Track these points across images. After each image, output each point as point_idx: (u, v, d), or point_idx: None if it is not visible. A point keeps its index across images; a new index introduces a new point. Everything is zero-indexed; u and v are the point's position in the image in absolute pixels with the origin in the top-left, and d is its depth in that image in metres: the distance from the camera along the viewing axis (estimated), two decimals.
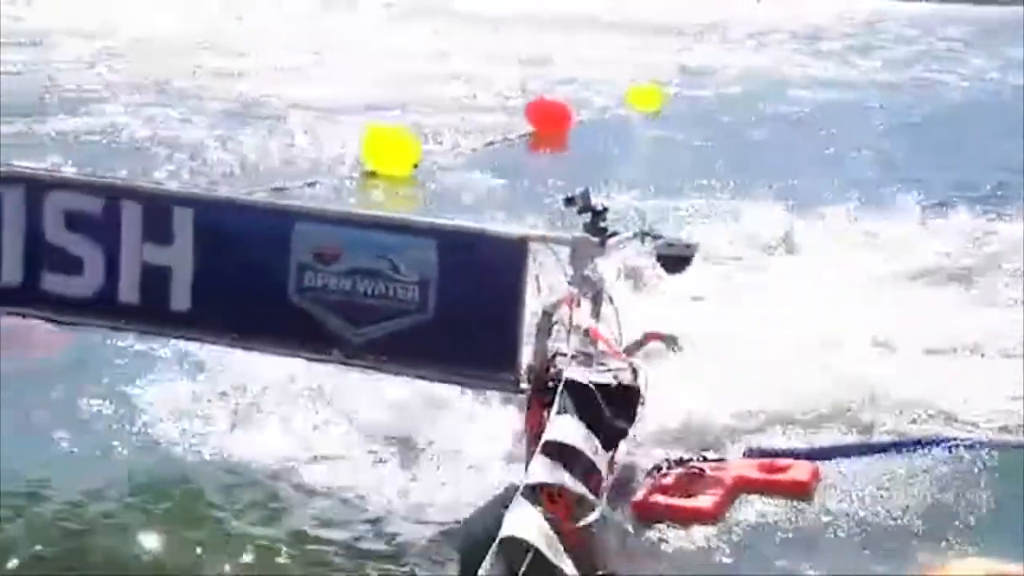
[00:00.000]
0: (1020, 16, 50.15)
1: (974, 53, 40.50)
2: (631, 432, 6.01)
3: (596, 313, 6.59)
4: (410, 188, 16.24)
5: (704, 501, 6.60)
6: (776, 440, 7.60)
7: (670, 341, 7.27)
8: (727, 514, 6.59)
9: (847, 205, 14.00)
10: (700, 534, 6.38)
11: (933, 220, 13.74)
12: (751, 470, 6.98)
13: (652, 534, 6.40)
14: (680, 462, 6.91)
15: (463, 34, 39.32)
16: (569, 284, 6.34)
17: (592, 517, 5.05)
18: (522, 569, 4.29)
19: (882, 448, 7.47)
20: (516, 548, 4.33)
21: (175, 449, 7.25)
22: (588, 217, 6.66)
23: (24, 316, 6.84)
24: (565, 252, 6.39)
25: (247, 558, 6.08)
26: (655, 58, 33.88)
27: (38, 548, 6.06)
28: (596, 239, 6.49)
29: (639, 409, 5.95)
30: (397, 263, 6.28)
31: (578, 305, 6.26)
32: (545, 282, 6.36)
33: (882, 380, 8.33)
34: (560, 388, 5.50)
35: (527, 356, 6.17)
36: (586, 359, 6.04)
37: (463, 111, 23.05)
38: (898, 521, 6.55)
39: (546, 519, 4.56)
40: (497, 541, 4.27)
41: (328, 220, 6.57)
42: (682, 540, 6.34)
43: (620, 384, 5.89)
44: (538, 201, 12.68)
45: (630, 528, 6.28)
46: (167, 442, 7.32)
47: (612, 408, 5.75)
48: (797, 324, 9.28)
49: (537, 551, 4.33)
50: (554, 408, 5.37)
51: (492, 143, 19.45)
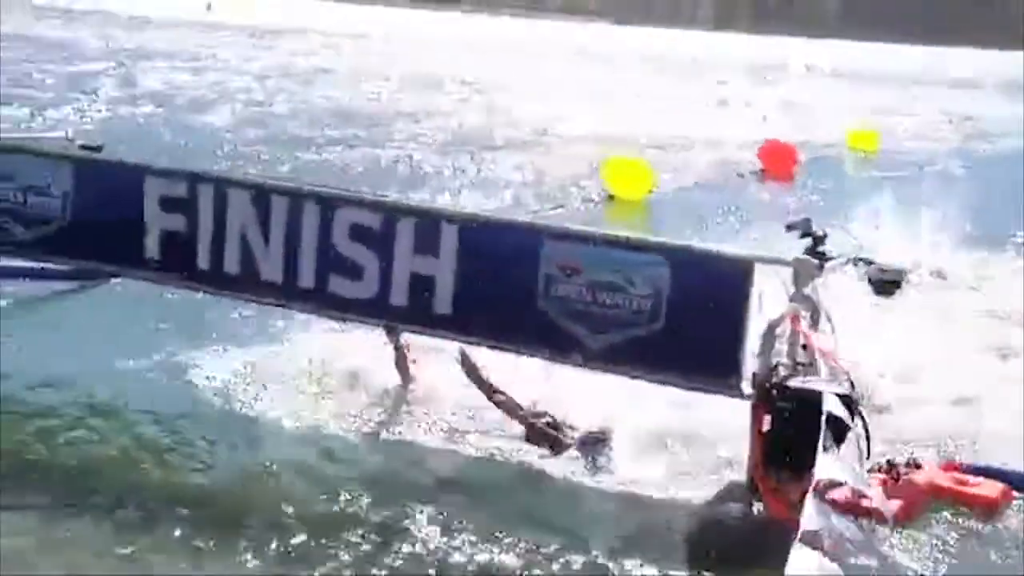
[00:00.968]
0: None
1: None
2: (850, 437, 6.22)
3: (815, 329, 6.74)
4: (645, 212, 16.75)
5: (892, 504, 6.46)
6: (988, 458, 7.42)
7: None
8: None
9: None
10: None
11: None
12: (944, 479, 6.95)
13: None
14: (889, 465, 6.92)
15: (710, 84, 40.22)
16: (791, 302, 6.63)
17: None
18: None
19: None
20: None
21: None
22: (809, 242, 6.92)
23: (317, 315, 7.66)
24: (787, 273, 6.67)
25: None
26: (875, 103, 33.74)
27: None
28: (816, 261, 6.74)
29: (857, 417, 6.10)
30: (632, 277, 6.72)
31: (799, 321, 6.55)
32: (768, 299, 6.67)
33: None
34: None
35: (751, 365, 6.49)
36: (806, 370, 6.33)
37: (700, 148, 23.66)
38: None
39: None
40: None
41: (572, 238, 7.09)
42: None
43: (839, 393, 6.01)
44: (763, 227, 12.93)
45: None
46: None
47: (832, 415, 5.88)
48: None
49: None
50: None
51: (724, 176, 19.91)
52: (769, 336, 6.54)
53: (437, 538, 6.01)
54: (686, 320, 6.63)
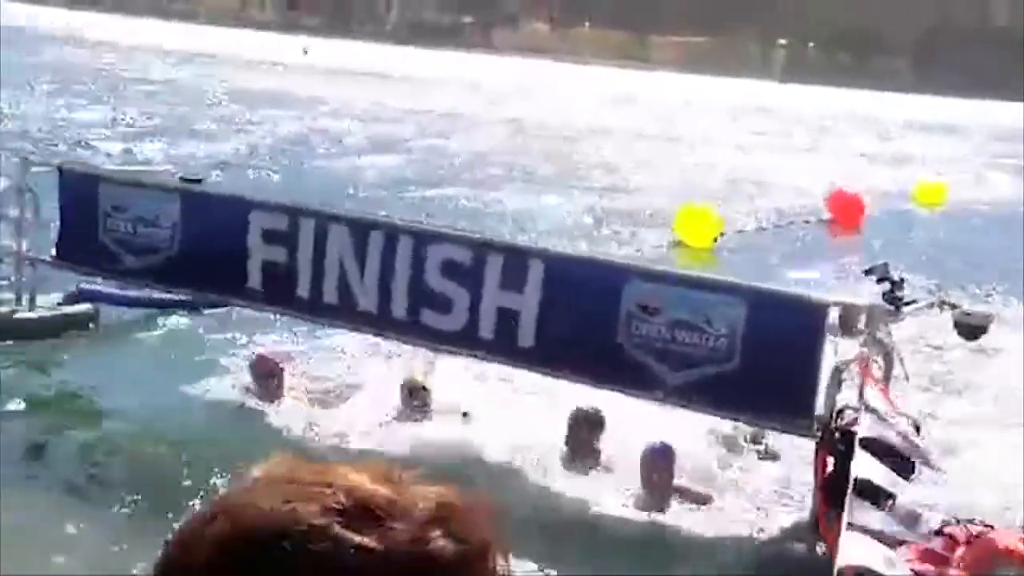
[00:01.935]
0: None
1: None
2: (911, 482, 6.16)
3: (887, 374, 6.70)
4: (713, 257, 16.73)
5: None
6: None
7: None
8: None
9: None
10: None
11: None
12: (1016, 542, 6.51)
13: None
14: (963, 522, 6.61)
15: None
16: (862, 346, 6.56)
17: None
18: None
19: None
20: None
21: None
22: (886, 287, 6.85)
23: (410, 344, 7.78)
24: (862, 317, 6.58)
25: None
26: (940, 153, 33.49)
27: None
28: (891, 306, 6.68)
29: (919, 463, 6.06)
30: (710, 317, 6.73)
31: (869, 365, 6.47)
32: (839, 343, 6.61)
33: None
34: (856, 443, 5.64)
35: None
36: (873, 414, 6.25)
37: (771, 194, 23.72)
38: None
39: None
40: None
41: (654, 278, 7.15)
42: None
43: (904, 439, 6.01)
44: (835, 273, 12.87)
45: None
46: None
47: (895, 460, 5.88)
48: None
49: None
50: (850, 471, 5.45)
51: (791, 222, 19.83)
52: (836, 379, 6.48)
53: None
54: (761, 360, 6.63)
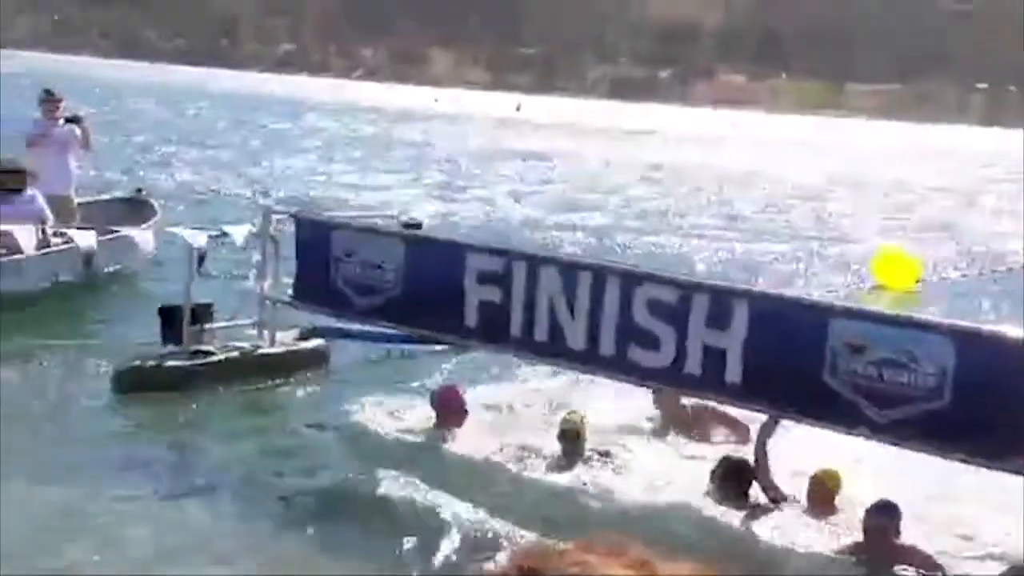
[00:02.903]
0: None
1: None
2: None
3: None
4: (914, 299, 16.17)
5: None
6: None
7: None
8: None
9: None
10: None
11: None
12: None
13: None
14: None
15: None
16: None
17: None
18: None
19: None
20: None
21: None
22: None
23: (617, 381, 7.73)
24: None
25: None
26: None
27: None
28: None
29: None
30: (917, 356, 6.48)
31: None
32: None
33: None
34: None
35: None
36: None
37: (968, 239, 22.85)
38: None
39: None
40: None
41: (860, 317, 6.94)
42: None
43: None
44: None
45: None
46: None
47: None
48: None
49: None
50: None
51: (995, 271, 18.98)
52: None
53: None
54: (971, 399, 6.34)
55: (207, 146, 31.74)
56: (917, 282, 16.77)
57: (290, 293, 9.27)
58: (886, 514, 6.56)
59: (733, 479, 7.13)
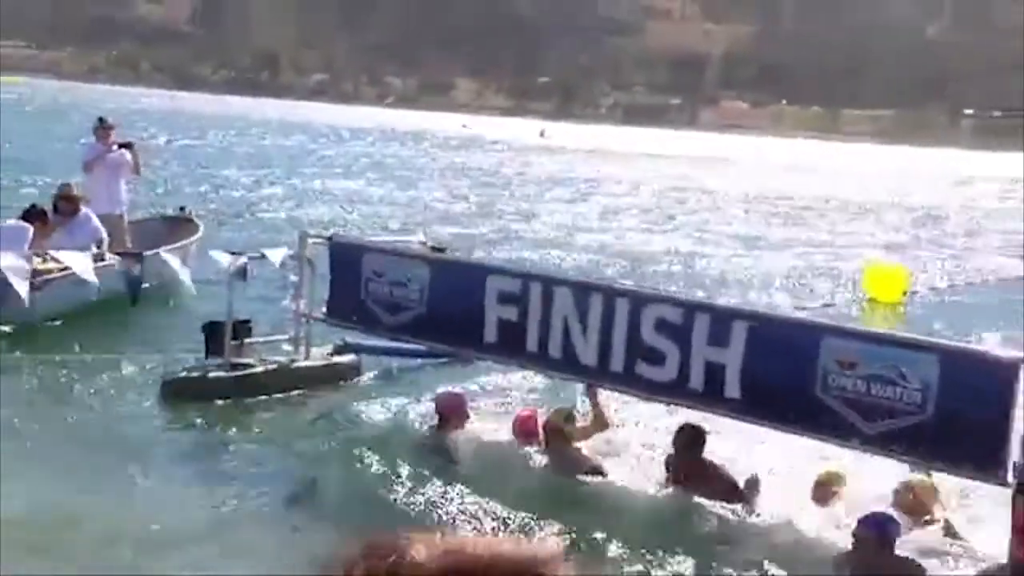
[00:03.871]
0: None
1: None
2: None
3: None
4: (901, 311, 16.12)
5: None
6: None
7: None
8: None
9: None
10: None
11: None
12: None
13: None
14: None
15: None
16: None
17: None
18: None
19: None
20: None
21: None
22: None
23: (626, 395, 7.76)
24: None
25: None
26: None
27: None
28: None
29: None
30: (904, 372, 6.44)
31: None
32: None
33: None
34: None
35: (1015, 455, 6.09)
36: None
37: (955, 257, 22.73)
38: None
39: None
40: None
41: (850, 335, 6.92)
42: None
43: None
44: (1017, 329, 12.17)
45: None
46: None
47: None
48: None
49: None
50: None
51: (985, 281, 18.89)
52: None
53: None
54: (954, 413, 6.30)
55: (254, 170, 31.93)
56: (905, 294, 16.68)
57: (324, 311, 9.31)
58: (876, 527, 6.35)
59: (695, 443, 7.28)
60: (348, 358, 9.80)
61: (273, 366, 9.35)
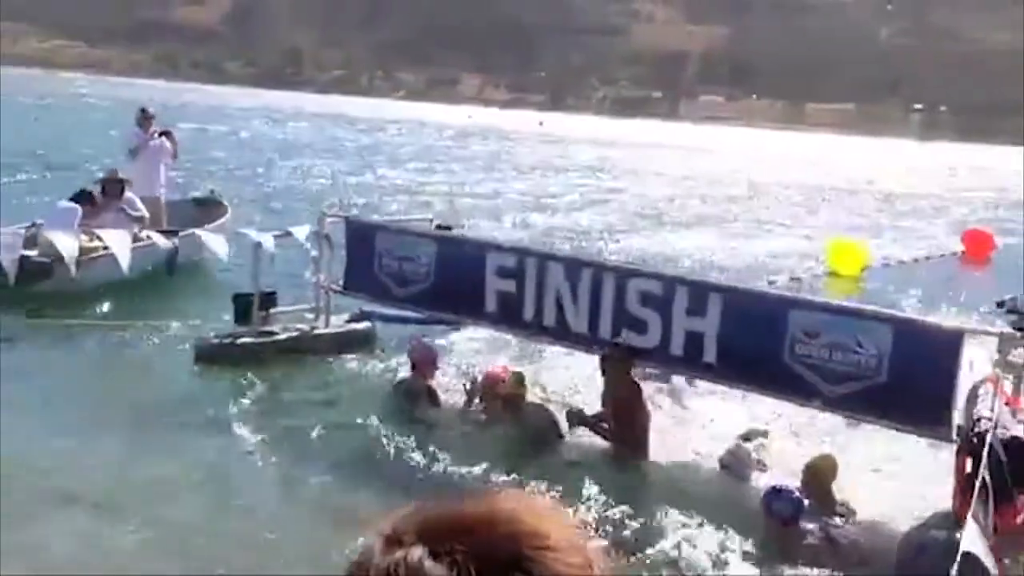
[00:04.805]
0: None
1: None
2: None
3: (1017, 390, 6.24)
4: (860, 284, 16.04)
5: None
6: None
7: None
8: None
9: None
10: None
11: None
12: None
13: None
14: None
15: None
16: (995, 367, 6.15)
17: None
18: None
19: None
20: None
21: None
22: (1015, 317, 6.44)
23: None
24: (993, 342, 6.27)
25: None
26: None
27: None
28: (1020, 335, 6.30)
29: None
30: (861, 340, 6.40)
31: (1000, 383, 6.06)
32: (975, 363, 6.25)
33: None
34: (987, 444, 5.34)
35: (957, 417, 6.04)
36: (1005, 426, 5.88)
37: (906, 235, 22.61)
38: None
39: None
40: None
41: (814, 308, 6.84)
42: None
43: None
44: (968, 303, 12.09)
45: None
46: None
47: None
48: None
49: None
50: (979, 474, 5.02)
51: (928, 257, 18.80)
52: (973, 395, 6.05)
53: None
54: (905, 377, 6.26)
55: (288, 158, 31.72)
56: (864, 269, 16.60)
57: (341, 283, 9.24)
58: (781, 498, 5.90)
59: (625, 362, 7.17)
60: (363, 325, 9.71)
61: (295, 333, 9.28)
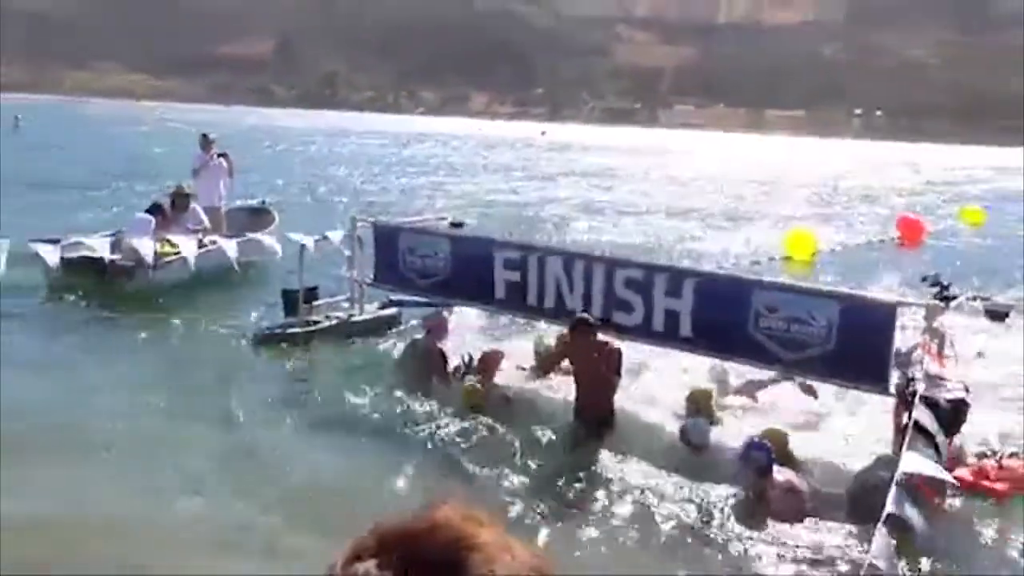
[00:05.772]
0: None
1: None
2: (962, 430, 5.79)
3: (941, 352, 6.29)
4: (811, 267, 16.00)
5: (998, 485, 5.94)
6: None
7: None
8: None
9: None
10: None
11: None
12: None
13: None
14: (994, 454, 6.31)
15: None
16: (923, 333, 6.25)
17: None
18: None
19: None
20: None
21: None
22: (937, 290, 6.46)
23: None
24: (921, 312, 6.33)
25: None
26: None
27: None
28: (943, 304, 6.31)
29: (967, 415, 5.76)
30: (814, 314, 6.43)
31: (929, 347, 6.14)
32: (908, 331, 6.31)
33: None
34: (917, 399, 5.36)
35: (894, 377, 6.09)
36: (933, 380, 5.89)
37: (850, 223, 22.51)
38: None
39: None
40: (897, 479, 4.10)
41: (774, 288, 6.84)
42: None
43: (956, 399, 5.74)
44: (902, 283, 12.03)
45: None
46: None
47: (950, 414, 5.60)
48: None
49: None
50: (912, 418, 5.11)
51: (869, 242, 18.71)
52: (906, 357, 6.15)
53: None
54: (850, 344, 6.29)
55: (328, 169, 31.61)
56: (814, 254, 16.55)
57: (372, 278, 9.26)
58: (758, 448, 5.73)
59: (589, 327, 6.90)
60: (392, 311, 9.74)
61: (335, 321, 9.31)
